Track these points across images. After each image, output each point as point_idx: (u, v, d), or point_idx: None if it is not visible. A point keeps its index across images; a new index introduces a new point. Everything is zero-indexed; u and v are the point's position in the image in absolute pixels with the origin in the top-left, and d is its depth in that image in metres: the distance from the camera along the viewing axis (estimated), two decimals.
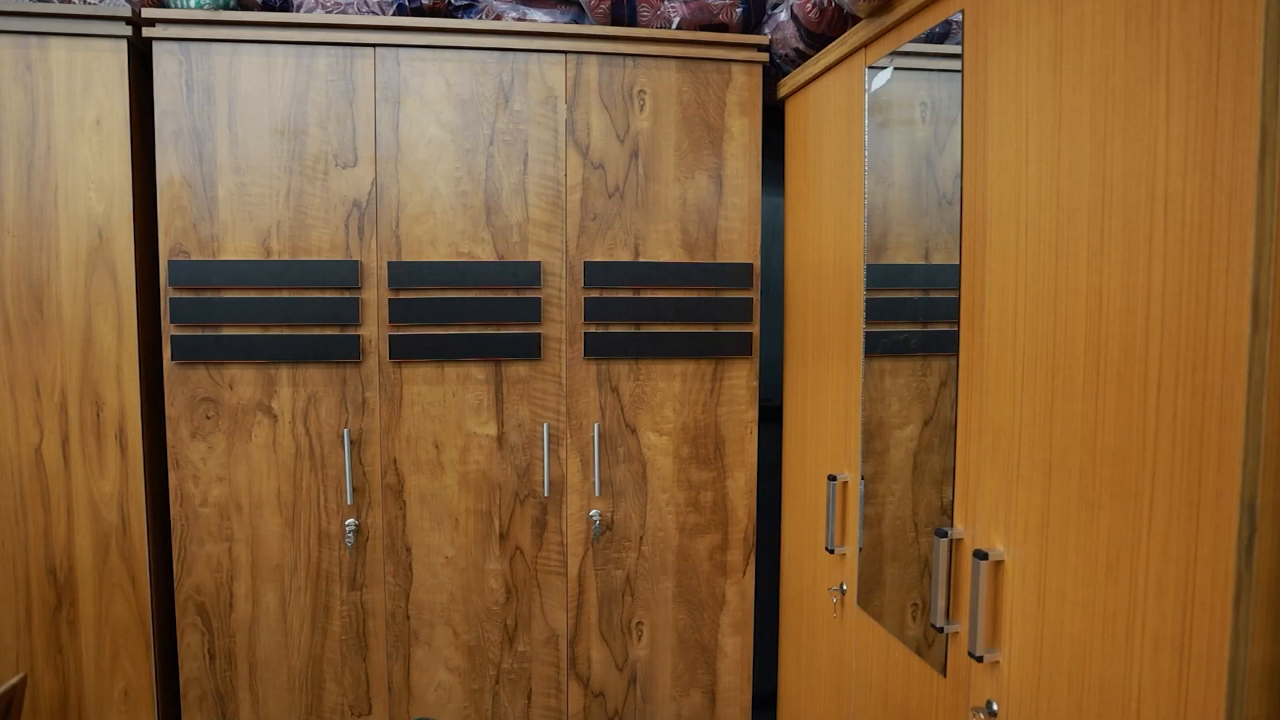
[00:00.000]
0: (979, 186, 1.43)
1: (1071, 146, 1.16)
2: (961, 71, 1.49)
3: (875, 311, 1.87)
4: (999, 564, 1.37)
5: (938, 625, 1.52)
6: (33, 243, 1.99)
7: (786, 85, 2.20)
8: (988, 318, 1.41)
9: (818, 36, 2.01)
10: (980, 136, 1.43)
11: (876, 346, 1.85)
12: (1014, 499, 1.33)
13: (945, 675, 1.55)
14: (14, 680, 1.32)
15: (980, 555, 1.37)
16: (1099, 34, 1.10)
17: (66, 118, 1.98)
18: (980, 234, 1.43)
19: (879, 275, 1.85)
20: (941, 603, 1.51)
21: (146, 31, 1.98)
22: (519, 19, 2.14)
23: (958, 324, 1.53)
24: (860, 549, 1.90)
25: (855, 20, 1.93)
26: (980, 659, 1.38)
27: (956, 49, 1.55)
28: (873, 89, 1.83)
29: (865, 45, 1.83)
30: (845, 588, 1.96)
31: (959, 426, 1.53)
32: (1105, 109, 1.09)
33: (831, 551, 1.97)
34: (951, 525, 1.55)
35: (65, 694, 2.07)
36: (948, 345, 1.66)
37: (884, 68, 1.79)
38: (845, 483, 1.96)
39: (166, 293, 2.03)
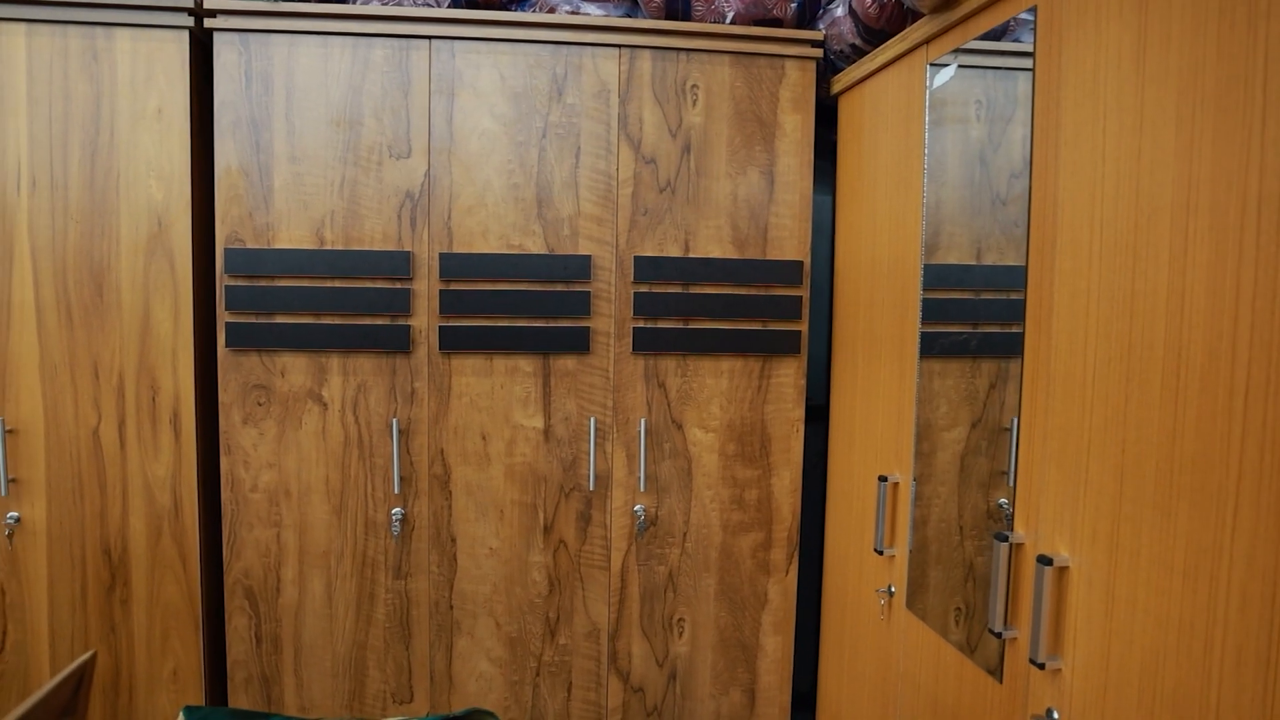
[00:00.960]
0: (1049, 186, 1.41)
1: (1154, 146, 1.14)
2: (1033, 70, 1.46)
3: (930, 312, 1.85)
4: (1063, 570, 1.35)
5: (996, 630, 1.50)
6: (95, 229, 2.02)
7: (841, 81, 2.17)
8: (1056, 319, 1.38)
9: (876, 32, 1.98)
10: (1052, 135, 1.40)
11: (933, 347, 1.83)
12: (1081, 504, 1.31)
13: (1001, 681, 1.53)
14: (85, 657, 1.34)
15: (1044, 561, 1.34)
16: (1188, 31, 1.07)
17: (129, 107, 2.01)
18: (1050, 234, 1.41)
19: (934, 275, 1.83)
20: (1000, 608, 1.49)
21: (208, 22, 2.01)
22: (572, 12, 2.14)
23: (1022, 325, 1.51)
24: (910, 551, 1.88)
25: (917, 16, 1.90)
26: (1042, 666, 1.35)
27: (1023, 46, 1.52)
28: (934, 86, 1.80)
29: (927, 41, 1.80)
30: (894, 590, 1.94)
31: (1021, 429, 1.51)
32: (1193, 108, 1.06)
33: (880, 553, 1.95)
34: (1011, 529, 1.53)
35: (118, 671, 2.10)
36: (1003, 347, 1.64)
37: (946, 65, 1.76)
38: (896, 484, 1.94)
39: (222, 280, 2.05)
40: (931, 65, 1.80)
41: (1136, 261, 1.18)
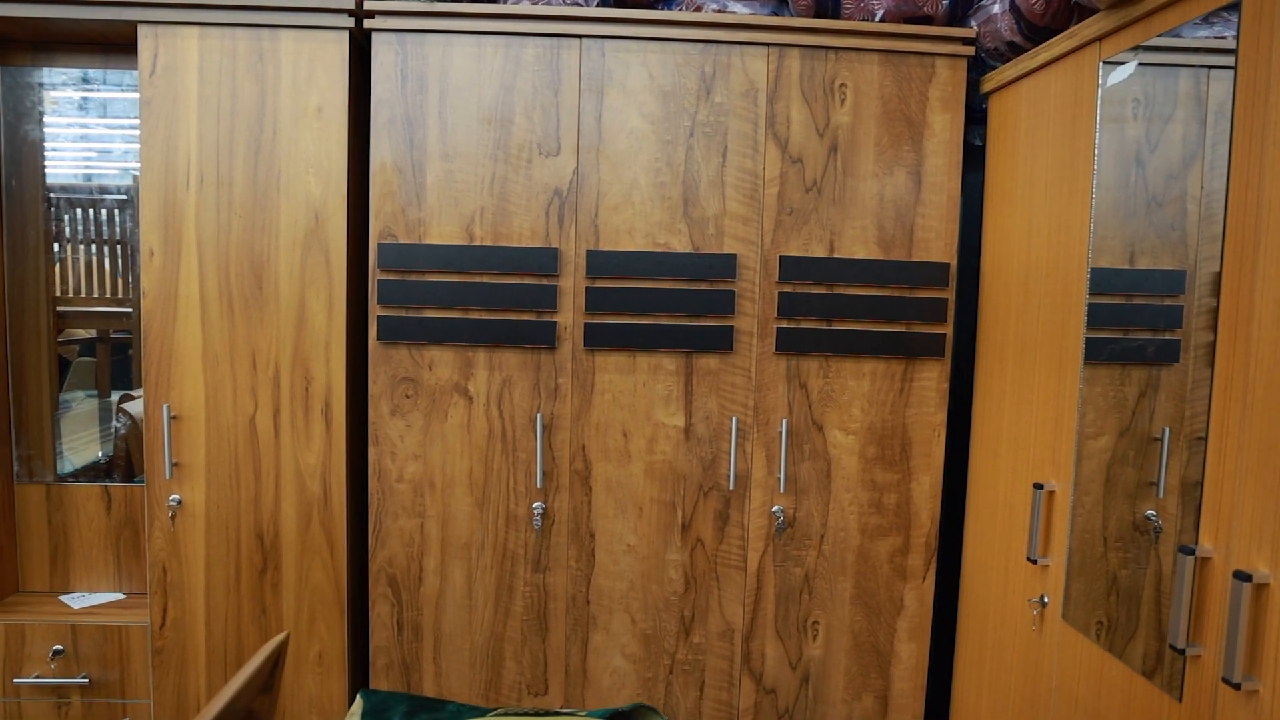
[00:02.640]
0: (1250, 188, 1.35)
1: None
2: (1234, 66, 1.41)
3: (1092, 318, 1.81)
4: (1263, 587, 1.29)
5: (1178, 647, 1.45)
6: (256, 224, 2.09)
7: (993, 80, 2.13)
8: (1258, 326, 1.33)
9: (1039, 29, 1.94)
10: (1256, 135, 1.35)
11: (1101, 353, 1.78)
12: None
13: (1180, 700, 1.48)
14: (281, 637, 1.39)
15: (1242, 576, 1.29)
16: None
17: (291, 105, 2.07)
18: (1250, 238, 1.35)
19: (1096, 280, 1.79)
20: (1183, 624, 1.44)
21: (367, 23, 2.06)
22: (719, 10, 2.14)
23: (1212, 332, 1.45)
24: (1068, 561, 1.83)
25: (1086, 12, 1.85)
26: (1238, 686, 1.30)
27: (1209, 41, 1.47)
28: (1107, 84, 1.75)
29: (1101, 38, 1.75)
30: (1047, 600, 1.89)
31: (1210, 439, 1.45)
32: None
33: (1034, 562, 1.91)
34: (1197, 543, 1.47)
35: None
36: (1157, 353, 1.61)
37: (1122, 62, 1.71)
38: (1052, 492, 1.89)
39: (374, 274, 2.10)
40: (1105, 63, 1.75)
41: None
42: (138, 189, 2.33)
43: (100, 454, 2.45)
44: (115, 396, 2.52)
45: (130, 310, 2.42)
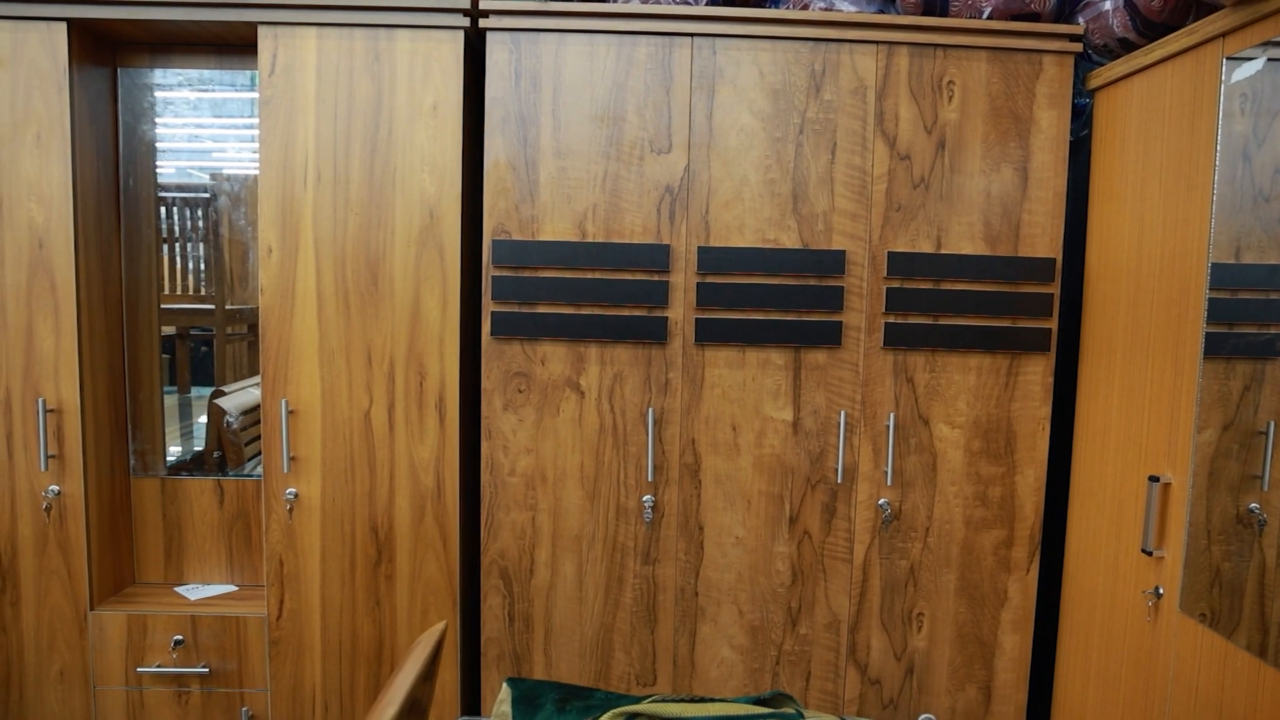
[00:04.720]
0: None
1: None
2: None
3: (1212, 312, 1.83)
4: None
5: None
6: (372, 221, 2.12)
7: (1100, 76, 2.15)
8: None
9: (1155, 26, 1.95)
10: None
11: (1222, 348, 1.80)
12: None
13: None
14: (440, 626, 1.43)
15: None
16: None
17: (407, 104, 2.11)
18: None
19: (1217, 275, 1.81)
20: None
21: (482, 23, 2.09)
22: (826, 9, 2.16)
23: None
24: (1185, 552, 1.85)
25: (1206, 9, 1.87)
26: None
27: None
28: (1231, 80, 1.77)
29: (1224, 35, 1.77)
30: (1162, 591, 1.91)
31: None
32: None
33: (1149, 554, 1.93)
34: None
35: (380, 643, 2.21)
36: (1262, 348, 1.64)
37: (1250, 58, 1.73)
38: (1167, 484, 1.91)
39: (488, 270, 2.13)
40: (1228, 59, 1.77)
41: None
42: (223, 186, 2.37)
43: (182, 449, 2.49)
44: (193, 393, 2.56)
45: (212, 307, 2.46)
